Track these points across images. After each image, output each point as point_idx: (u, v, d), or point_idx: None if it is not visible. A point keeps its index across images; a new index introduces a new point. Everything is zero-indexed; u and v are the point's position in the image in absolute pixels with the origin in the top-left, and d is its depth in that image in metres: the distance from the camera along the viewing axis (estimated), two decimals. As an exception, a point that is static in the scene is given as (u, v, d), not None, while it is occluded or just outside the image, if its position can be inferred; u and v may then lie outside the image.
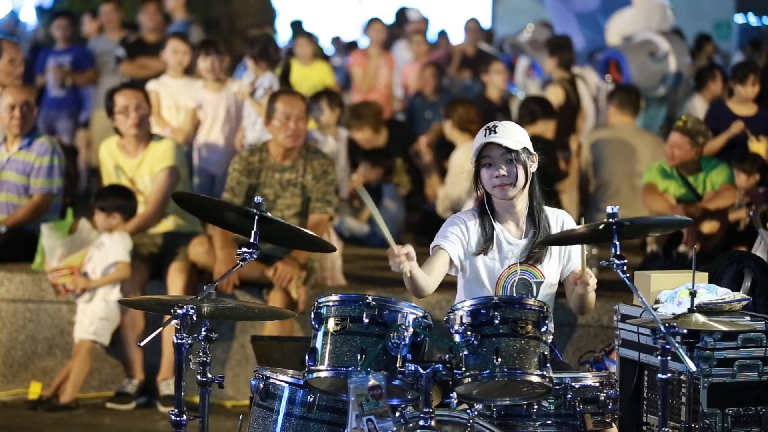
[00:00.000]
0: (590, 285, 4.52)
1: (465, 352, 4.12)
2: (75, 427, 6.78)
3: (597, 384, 4.34)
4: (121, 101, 7.55)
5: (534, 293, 4.65)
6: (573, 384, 4.31)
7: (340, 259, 7.67)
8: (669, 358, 4.34)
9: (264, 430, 4.40)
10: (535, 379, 4.10)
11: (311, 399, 4.34)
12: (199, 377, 4.39)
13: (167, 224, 7.58)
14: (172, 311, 4.26)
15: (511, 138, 4.61)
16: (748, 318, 5.33)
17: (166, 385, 7.07)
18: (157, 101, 8.92)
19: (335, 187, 7.46)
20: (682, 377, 5.15)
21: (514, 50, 15.17)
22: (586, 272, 4.51)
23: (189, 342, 4.31)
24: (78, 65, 11.64)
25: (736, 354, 5.27)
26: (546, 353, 4.14)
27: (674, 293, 5.38)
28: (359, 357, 4.12)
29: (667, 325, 4.27)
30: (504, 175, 4.60)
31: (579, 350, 6.83)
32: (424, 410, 4.08)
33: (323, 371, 4.18)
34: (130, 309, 7.07)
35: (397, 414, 4.10)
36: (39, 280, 7.38)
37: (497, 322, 4.12)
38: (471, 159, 4.69)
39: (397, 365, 4.13)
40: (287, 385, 4.39)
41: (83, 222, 7.42)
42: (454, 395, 4.23)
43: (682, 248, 7.65)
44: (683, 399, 5.23)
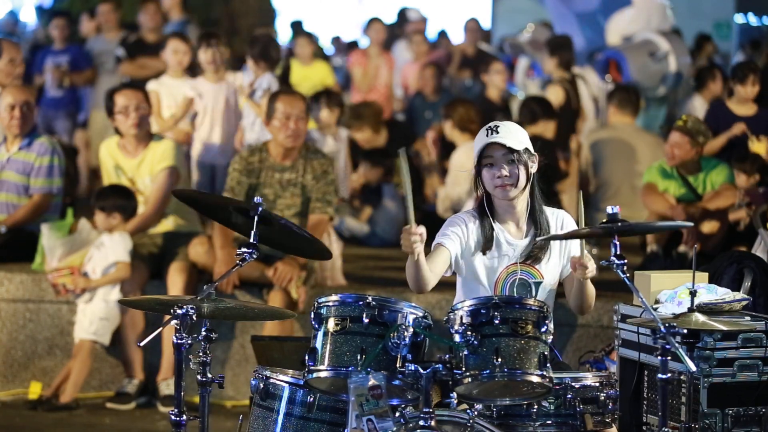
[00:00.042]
0: (589, 269, 4.49)
1: (465, 352, 4.12)
2: (75, 427, 6.78)
3: (597, 384, 4.34)
4: (121, 101, 7.55)
5: (533, 294, 4.65)
6: (573, 384, 4.31)
7: (340, 259, 7.67)
8: (669, 358, 4.34)
9: (264, 430, 4.40)
10: (535, 379, 4.10)
11: (311, 399, 4.34)
12: (199, 377, 4.39)
13: (167, 224, 7.59)
14: (172, 311, 4.26)
15: (513, 138, 4.61)
16: (748, 318, 5.33)
17: (166, 385, 7.07)
18: (157, 101, 8.93)
19: (335, 187, 7.46)
20: (682, 377, 5.15)
21: (514, 50, 15.18)
22: (585, 255, 4.49)
23: (189, 342, 4.31)
24: (76, 65, 11.62)
25: (736, 354, 5.27)
26: (546, 353, 4.14)
27: (674, 293, 5.38)
28: (359, 357, 4.12)
29: (667, 325, 4.27)
30: (506, 176, 4.60)
31: (579, 350, 6.83)
32: (424, 410, 4.08)
33: (323, 371, 4.18)
34: (130, 309, 7.07)
35: (397, 414, 4.10)
36: (39, 280, 7.38)
37: (497, 322, 4.12)
38: (472, 159, 4.69)
39: (397, 365, 4.13)
40: (287, 385, 4.39)
41: (83, 222, 7.42)
42: (454, 395, 4.23)
43: (682, 248, 7.65)
44: (683, 399, 5.23)
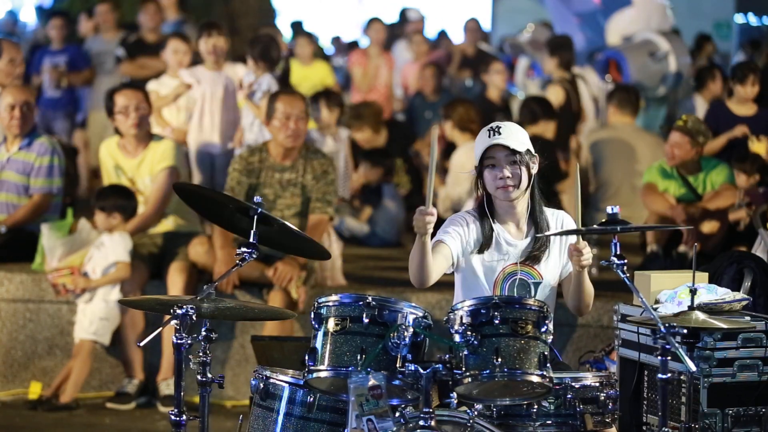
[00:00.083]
0: (584, 255, 4.49)
1: (465, 352, 4.12)
2: (75, 427, 6.78)
3: (597, 384, 4.34)
4: (121, 101, 7.55)
5: (532, 294, 4.65)
6: (573, 384, 4.31)
7: (340, 259, 7.67)
8: (669, 358, 4.34)
9: (264, 430, 4.40)
10: (535, 379, 4.10)
11: (311, 399, 4.34)
12: (199, 377, 4.39)
13: (167, 224, 7.58)
14: (172, 311, 4.27)
15: (515, 139, 4.62)
16: (748, 318, 5.33)
17: (166, 385, 7.07)
18: (158, 101, 8.93)
19: (335, 187, 7.47)
20: (682, 377, 5.14)
21: (514, 50, 15.18)
22: (580, 241, 4.49)
23: (189, 342, 4.31)
24: (73, 65, 11.58)
25: (736, 354, 5.27)
26: (546, 353, 4.14)
27: (674, 293, 5.38)
28: (359, 357, 4.12)
29: (667, 325, 4.27)
30: (508, 177, 4.60)
31: (579, 350, 6.83)
32: (424, 410, 4.09)
33: (323, 371, 4.18)
34: (130, 309, 7.07)
35: (397, 414, 4.10)
36: (39, 280, 7.38)
37: (497, 322, 4.12)
38: (473, 159, 4.69)
39: (397, 365, 4.13)
40: (287, 385, 4.39)
41: (83, 222, 7.42)
42: (454, 395, 4.24)
43: (682, 248, 7.65)
44: (683, 399, 5.23)
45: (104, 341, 7.17)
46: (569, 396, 4.29)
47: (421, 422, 4.07)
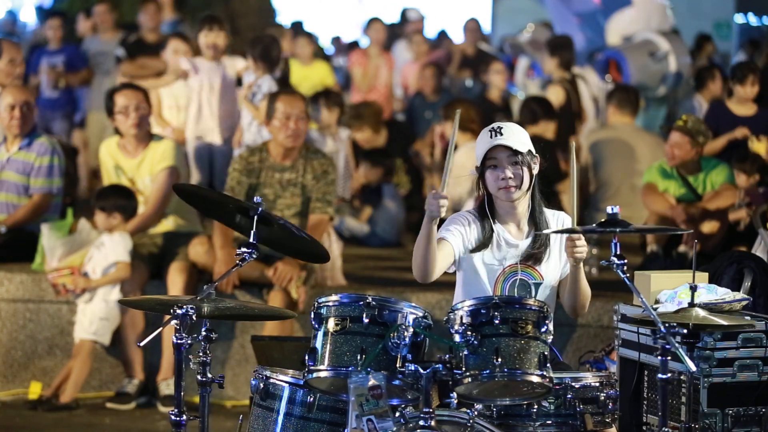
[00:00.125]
0: (578, 247, 4.49)
1: (465, 352, 4.12)
2: (75, 427, 6.78)
3: (597, 384, 4.34)
4: (121, 101, 7.55)
5: (533, 294, 4.65)
6: (573, 384, 4.31)
7: (340, 259, 7.67)
8: (669, 358, 4.34)
9: (264, 430, 4.40)
10: (535, 379, 4.10)
11: (311, 399, 4.34)
12: (199, 377, 4.39)
13: (167, 224, 7.58)
14: (172, 311, 4.27)
15: (517, 140, 4.62)
16: (748, 318, 5.33)
17: (166, 385, 7.07)
18: (158, 101, 8.93)
19: (335, 188, 7.46)
20: (682, 377, 5.14)
21: (514, 50, 15.18)
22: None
23: (189, 342, 4.31)
24: (71, 65, 11.57)
25: (736, 354, 5.27)
26: (546, 353, 4.14)
27: (674, 293, 5.38)
28: (359, 357, 4.12)
29: (667, 325, 4.27)
30: (510, 177, 4.60)
31: (579, 350, 6.83)
32: (424, 410, 4.09)
33: (323, 371, 4.18)
34: (130, 309, 7.07)
35: (397, 414, 4.10)
36: (39, 280, 7.38)
37: (497, 322, 4.12)
38: (474, 160, 4.69)
39: (397, 365, 4.13)
40: (287, 385, 4.39)
41: (83, 222, 7.42)
42: (454, 395, 4.23)
43: (682, 248, 7.65)
44: (683, 399, 5.23)
45: (104, 341, 7.17)
46: (569, 396, 4.29)
47: (421, 422, 4.07)
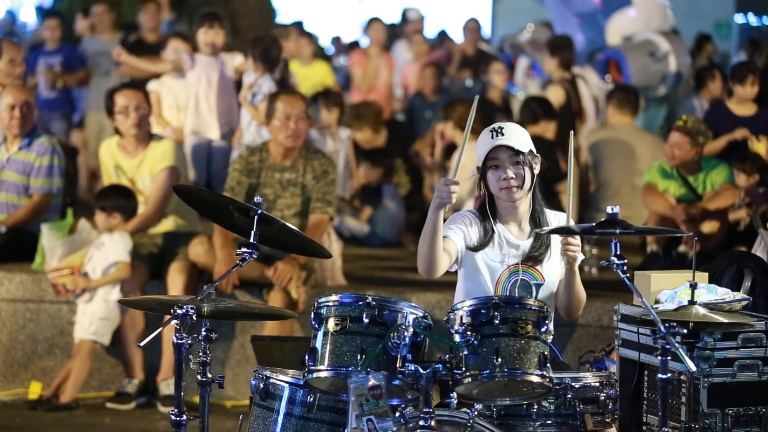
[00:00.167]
0: (572, 246, 4.49)
1: (465, 352, 4.12)
2: (75, 427, 6.78)
3: (597, 384, 4.34)
4: (121, 101, 7.55)
5: (533, 295, 4.65)
6: (573, 384, 4.31)
7: (340, 259, 7.67)
8: (669, 358, 4.34)
9: (264, 430, 4.40)
10: (535, 379, 4.10)
11: (311, 399, 4.34)
12: (199, 377, 4.39)
13: (167, 224, 7.59)
14: (172, 311, 4.27)
15: (518, 140, 4.62)
16: (749, 318, 5.33)
17: (166, 385, 7.07)
18: (158, 101, 8.93)
19: (335, 188, 7.46)
20: (682, 377, 5.14)
21: (514, 50, 15.17)
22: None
23: (189, 342, 4.31)
24: (68, 66, 11.54)
25: (736, 354, 5.26)
26: (546, 353, 4.14)
27: (674, 293, 5.38)
28: (359, 357, 4.12)
29: (667, 325, 4.27)
30: (512, 177, 4.60)
31: (579, 350, 6.83)
32: (424, 410, 4.09)
33: (323, 371, 4.18)
34: (130, 309, 7.07)
35: (397, 414, 4.10)
36: (39, 280, 7.38)
37: (497, 322, 4.12)
38: (475, 160, 4.69)
39: (397, 365, 4.14)
40: (287, 385, 4.39)
41: (83, 222, 7.42)
42: (454, 395, 4.24)
43: (682, 248, 7.65)
44: (683, 399, 5.23)
45: (104, 341, 7.17)
46: (569, 396, 4.29)
47: (421, 422, 4.07)
